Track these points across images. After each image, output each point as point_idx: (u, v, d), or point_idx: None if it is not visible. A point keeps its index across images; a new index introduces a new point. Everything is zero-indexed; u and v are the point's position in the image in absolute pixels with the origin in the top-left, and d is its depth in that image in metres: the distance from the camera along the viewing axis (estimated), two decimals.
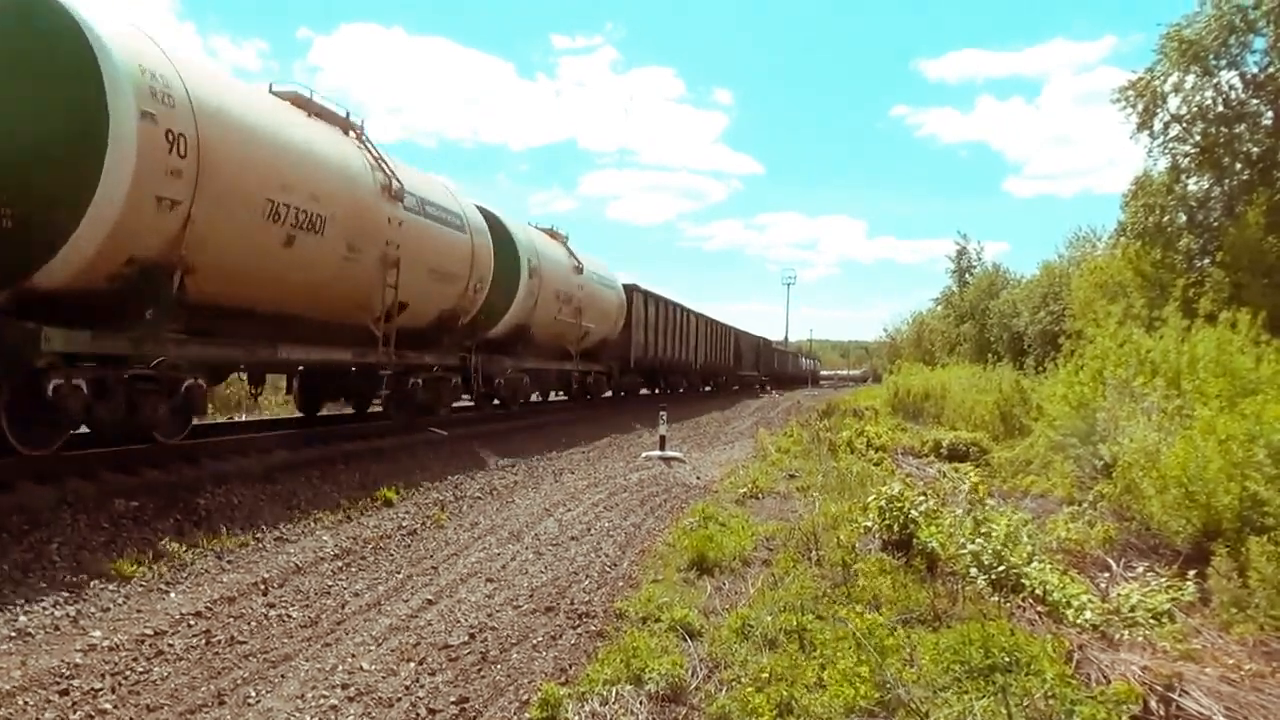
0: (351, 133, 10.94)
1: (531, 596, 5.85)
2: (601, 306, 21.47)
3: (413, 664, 4.55)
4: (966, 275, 51.30)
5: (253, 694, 4.09)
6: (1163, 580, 5.98)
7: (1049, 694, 3.83)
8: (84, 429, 7.82)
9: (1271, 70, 20.38)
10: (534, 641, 4.98)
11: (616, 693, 4.08)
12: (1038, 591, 5.70)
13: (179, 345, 8.06)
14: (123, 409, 7.56)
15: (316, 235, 9.41)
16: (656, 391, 30.75)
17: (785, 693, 3.92)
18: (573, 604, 5.71)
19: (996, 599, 5.59)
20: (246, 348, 9.20)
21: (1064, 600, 5.55)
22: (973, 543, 6.29)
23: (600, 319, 21.35)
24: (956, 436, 15.96)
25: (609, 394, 25.44)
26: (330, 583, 6.00)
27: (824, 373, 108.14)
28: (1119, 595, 5.73)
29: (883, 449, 15.47)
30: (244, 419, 14.26)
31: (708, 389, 41.18)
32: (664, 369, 29.77)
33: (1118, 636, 5.05)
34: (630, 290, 24.26)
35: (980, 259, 51.83)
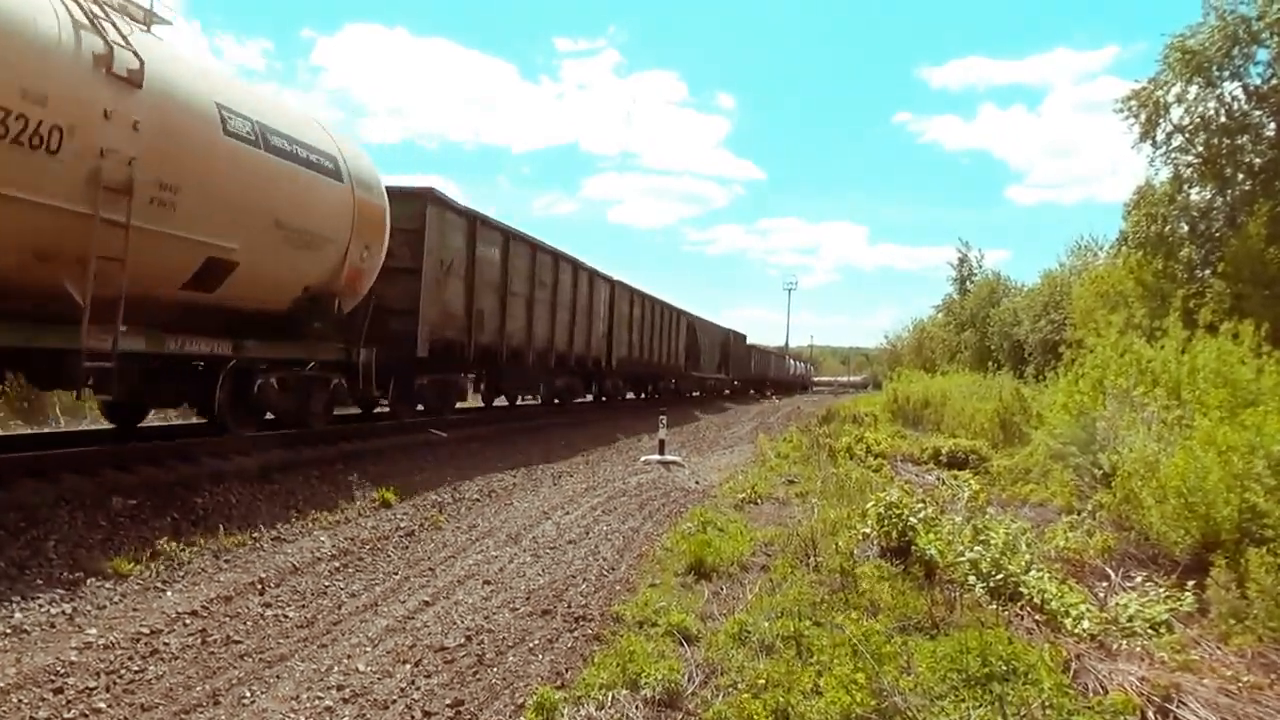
0: None
1: (528, 599, 5.84)
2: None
3: (408, 666, 4.54)
4: (967, 283, 51.38)
5: (248, 694, 4.08)
6: (1161, 590, 5.96)
7: (1046, 703, 3.82)
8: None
9: (1275, 82, 20.43)
10: (530, 645, 4.97)
11: (612, 697, 4.07)
12: (1036, 600, 5.69)
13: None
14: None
15: None
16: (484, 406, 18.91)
17: (782, 699, 3.90)
18: (570, 607, 5.70)
19: (994, 607, 5.57)
20: None
21: (1062, 609, 5.54)
22: (971, 550, 6.28)
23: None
24: (956, 444, 15.96)
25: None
26: (327, 583, 5.99)
27: (819, 379, 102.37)
28: (1117, 605, 5.71)
29: (882, 456, 15.46)
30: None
31: (631, 397, 29.81)
32: (500, 358, 16.22)
33: (1116, 646, 5.04)
34: (423, 197, 13.07)
35: (980, 267, 51.96)
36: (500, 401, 19.21)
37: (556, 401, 21.29)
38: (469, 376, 16.88)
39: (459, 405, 16.40)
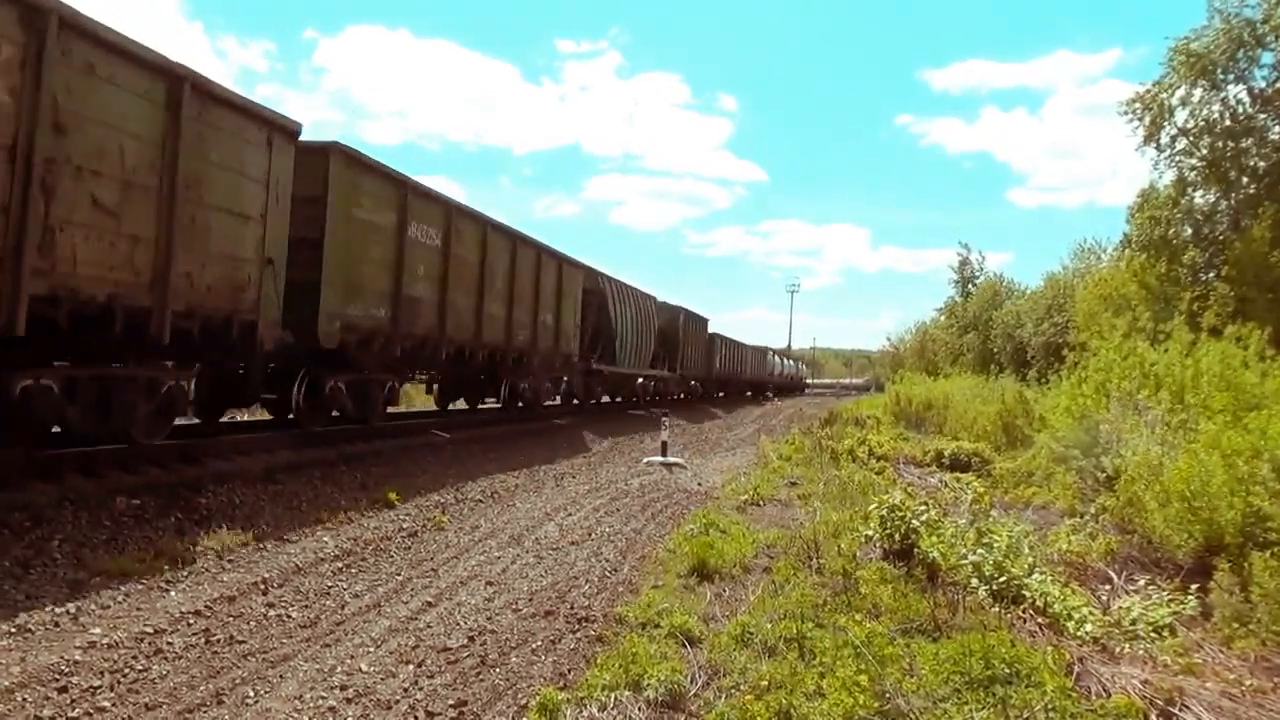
0: None
1: (531, 600, 5.84)
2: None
3: (411, 666, 4.55)
4: (969, 286, 51.35)
5: (251, 694, 4.08)
6: (1164, 594, 5.96)
7: (1049, 706, 3.82)
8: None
9: None
10: (533, 645, 4.97)
11: (615, 698, 4.07)
12: (1039, 603, 5.69)
13: None
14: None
15: None
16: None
17: (784, 701, 3.90)
18: (572, 608, 5.70)
19: (997, 610, 5.57)
20: None
21: (1065, 612, 5.54)
22: (974, 553, 6.28)
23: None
24: (958, 447, 15.96)
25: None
26: (330, 583, 5.99)
27: (819, 381, 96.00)
28: (1120, 608, 5.71)
29: (884, 458, 15.46)
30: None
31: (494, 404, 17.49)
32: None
33: (1118, 650, 5.04)
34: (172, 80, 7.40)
35: (983, 269, 51.92)
36: None
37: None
38: None
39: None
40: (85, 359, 7.42)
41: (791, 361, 74.20)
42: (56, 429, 7.47)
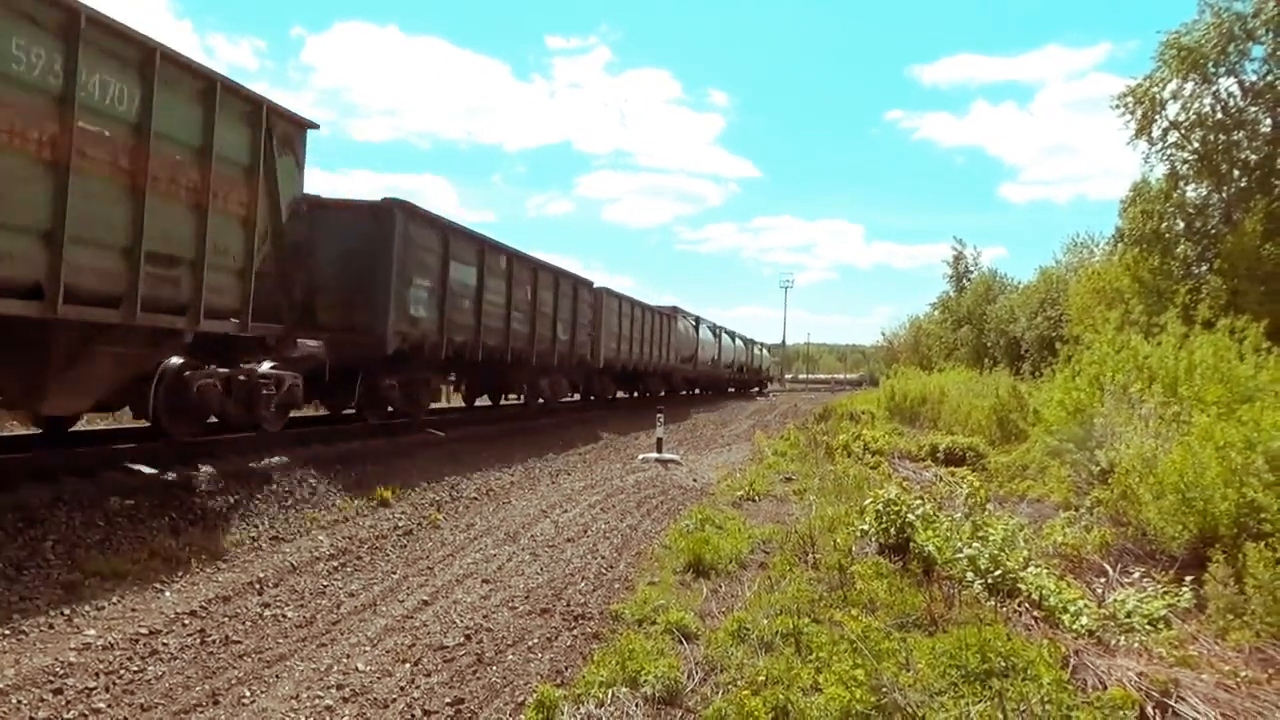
0: None
1: (527, 598, 5.84)
2: None
3: (408, 665, 4.54)
4: (963, 280, 51.47)
5: (247, 694, 4.07)
6: (1159, 586, 5.98)
7: (1045, 699, 3.82)
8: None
9: (1270, 78, 20.46)
10: (530, 643, 4.97)
11: (612, 695, 4.07)
12: (1034, 597, 5.70)
13: None
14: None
15: None
16: None
17: (781, 696, 3.91)
18: (569, 606, 5.70)
19: (993, 604, 5.58)
20: None
21: (1060, 605, 5.55)
22: (969, 547, 6.29)
23: None
24: (953, 441, 15.99)
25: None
26: (326, 583, 5.98)
27: (806, 376, 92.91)
28: (1115, 601, 5.73)
29: (879, 453, 15.48)
30: None
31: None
32: None
33: (1114, 642, 5.05)
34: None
35: (977, 264, 52.06)
36: None
37: None
38: None
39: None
40: None
41: (738, 340, 44.82)
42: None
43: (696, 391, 39.03)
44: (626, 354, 24.41)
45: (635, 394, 29.48)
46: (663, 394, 29.55)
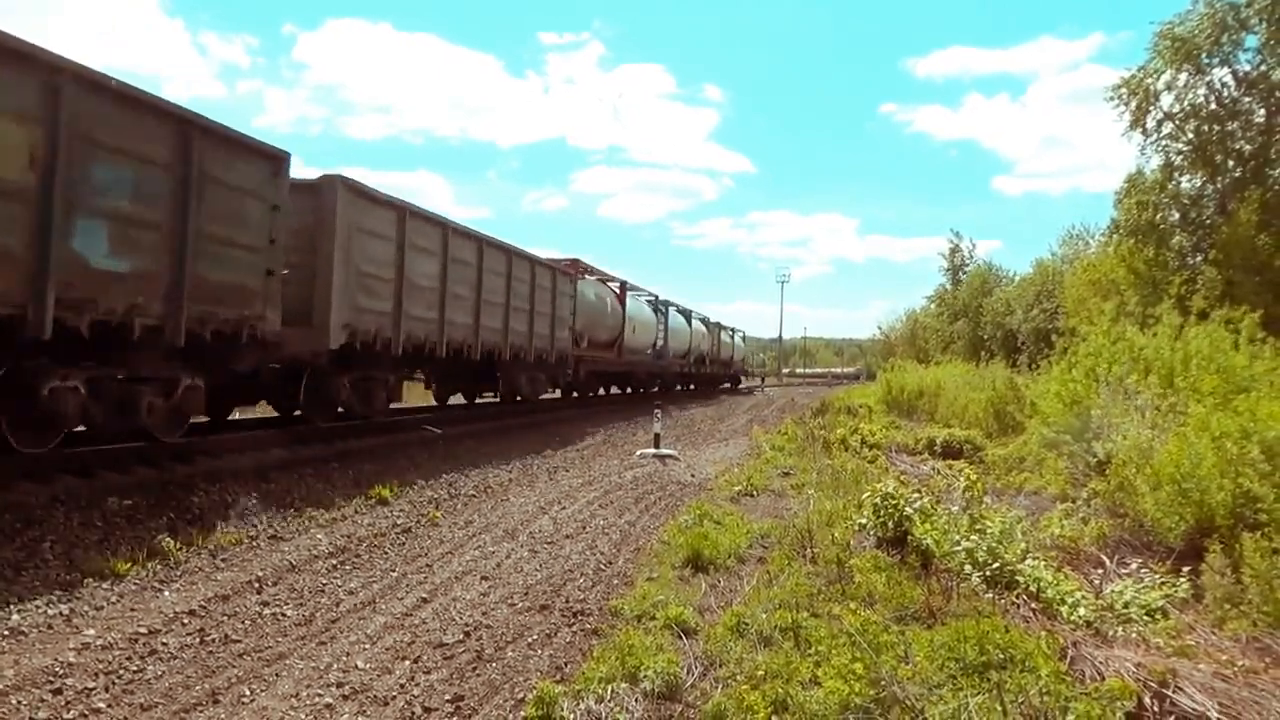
0: None
1: (526, 594, 5.84)
2: None
3: (408, 662, 4.54)
4: (960, 273, 51.49)
5: (247, 693, 4.07)
6: (1156, 577, 6.00)
7: (1044, 691, 3.84)
8: None
9: (1264, 68, 20.45)
10: (529, 639, 4.97)
11: (612, 690, 4.08)
12: (1032, 588, 5.72)
13: None
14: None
15: None
16: None
17: (780, 690, 3.92)
18: (568, 602, 5.71)
19: (991, 596, 5.60)
20: None
21: (1058, 597, 5.57)
22: (967, 540, 6.31)
23: None
24: (950, 434, 16.02)
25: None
26: (325, 581, 5.98)
27: (804, 370, 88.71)
28: (1113, 592, 5.75)
29: (877, 447, 15.50)
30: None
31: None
32: None
33: (1112, 633, 5.07)
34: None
35: (973, 257, 52.06)
36: None
37: None
38: None
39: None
40: None
41: (695, 322, 35.86)
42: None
43: (614, 390, 28.78)
44: (450, 331, 13.57)
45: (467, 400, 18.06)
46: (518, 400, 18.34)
